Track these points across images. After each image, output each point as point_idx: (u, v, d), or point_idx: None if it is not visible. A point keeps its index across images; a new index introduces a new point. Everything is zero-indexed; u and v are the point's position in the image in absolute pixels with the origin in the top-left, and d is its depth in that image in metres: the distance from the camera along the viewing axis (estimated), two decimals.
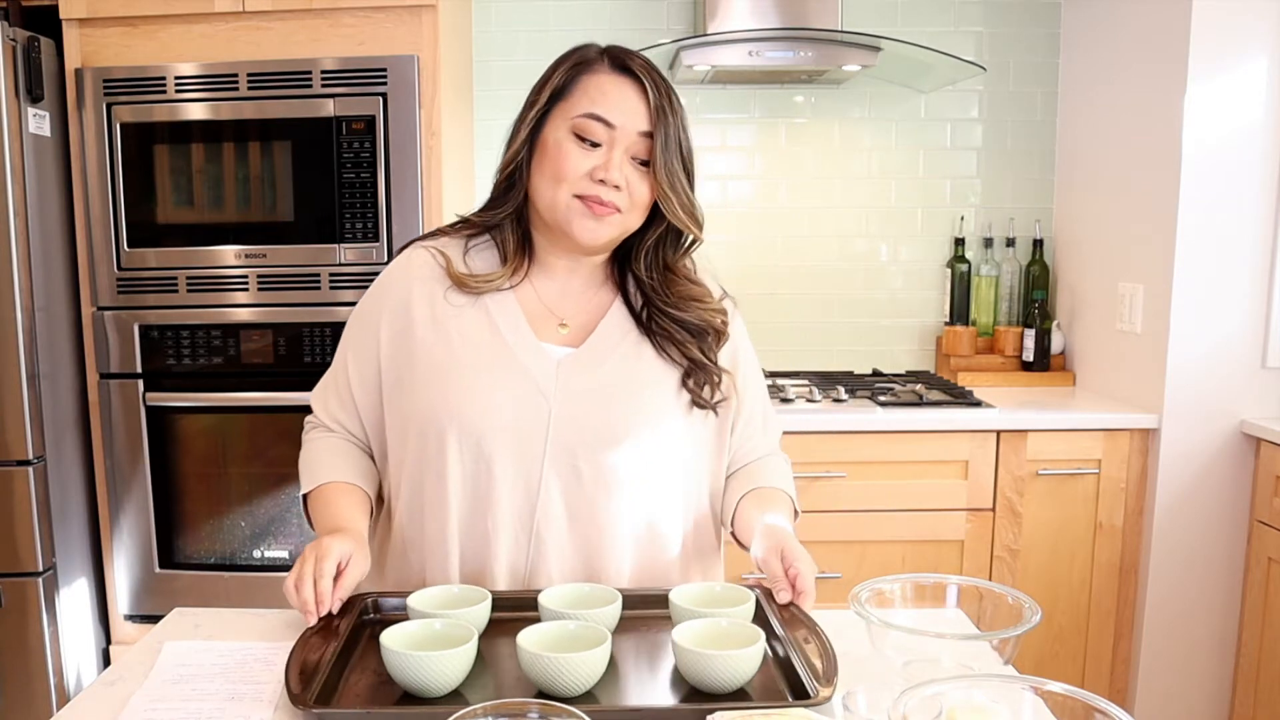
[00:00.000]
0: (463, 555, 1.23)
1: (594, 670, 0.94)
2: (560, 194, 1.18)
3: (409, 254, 1.30)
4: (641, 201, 1.20)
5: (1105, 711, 0.76)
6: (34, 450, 2.27)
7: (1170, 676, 2.44)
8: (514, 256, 1.26)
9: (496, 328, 1.23)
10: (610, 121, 1.17)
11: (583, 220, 1.19)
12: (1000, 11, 2.89)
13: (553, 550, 1.22)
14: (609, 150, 1.17)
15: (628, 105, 1.18)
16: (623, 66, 1.20)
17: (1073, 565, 2.45)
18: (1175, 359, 2.35)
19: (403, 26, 2.34)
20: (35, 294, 2.27)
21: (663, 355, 1.25)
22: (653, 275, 1.27)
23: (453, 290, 1.24)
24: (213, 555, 2.45)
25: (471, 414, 1.19)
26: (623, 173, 1.18)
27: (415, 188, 2.32)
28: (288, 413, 2.38)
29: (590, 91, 1.19)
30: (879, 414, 2.41)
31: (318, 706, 0.92)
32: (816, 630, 1.05)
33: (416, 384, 1.23)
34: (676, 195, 1.20)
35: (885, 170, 2.95)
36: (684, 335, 1.25)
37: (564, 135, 1.18)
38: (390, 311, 1.25)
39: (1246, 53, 2.26)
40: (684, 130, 1.22)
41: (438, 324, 1.23)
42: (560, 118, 1.19)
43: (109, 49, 2.36)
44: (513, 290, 1.26)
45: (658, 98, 1.18)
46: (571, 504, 1.21)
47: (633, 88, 1.18)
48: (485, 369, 1.21)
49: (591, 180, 1.17)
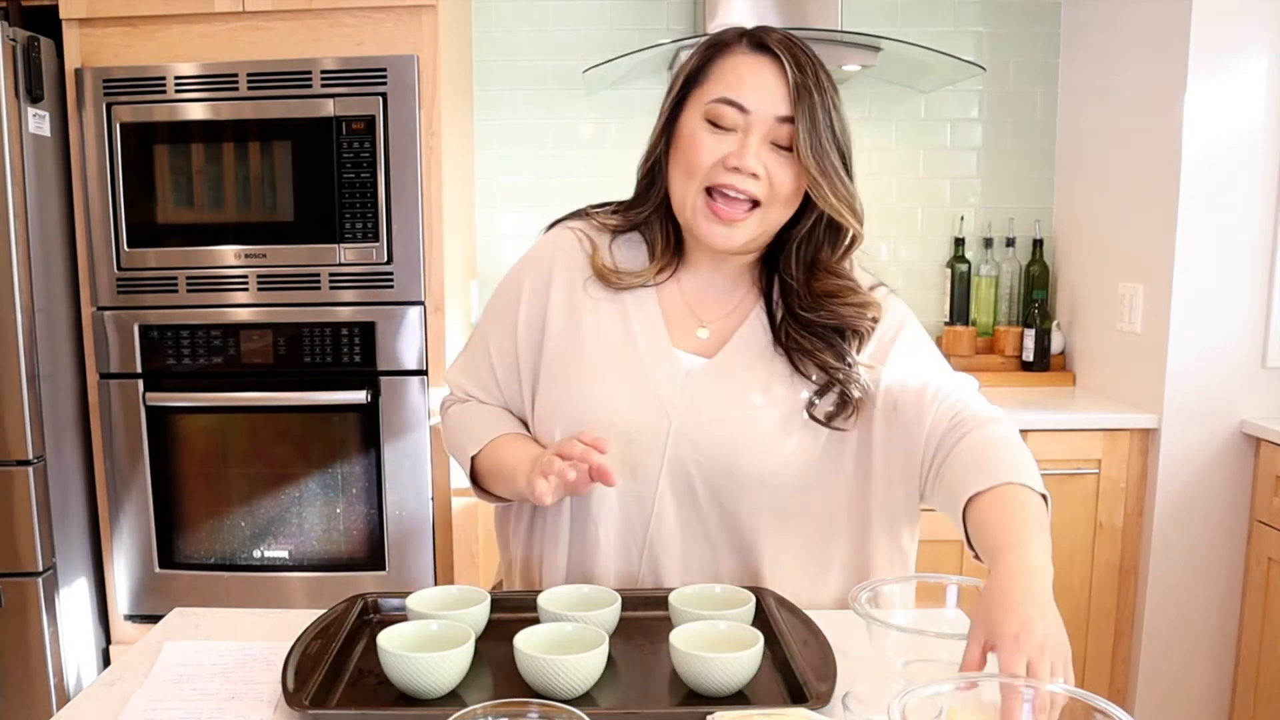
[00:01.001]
0: (570, 559, 1.21)
1: (591, 672, 0.94)
2: (690, 189, 1.11)
3: (555, 234, 1.24)
4: (784, 192, 1.10)
5: (1105, 711, 0.76)
6: (34, 450, 2.27)
7: (1170, 676, 2.44)
8: (661, 255, 1.19)
9: (631, 329, 1.17)
10: (744, 105, 1.08)
11: (709, 225, 1.10)
12: (1000, 11, 2.89)
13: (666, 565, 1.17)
14: (744, 136, 1.08)
15: (764, 86, 1.08)
16: (760, 45, 1.09)
17: (1073, 565, 2.45)
18: (1175, 359, 2.35)
19: (402, 26, 2.34)
20: (35, 294, 2.27)
21: (796, 372, 1.15)
22: (797, 272, 1.15)
23: (593, 282, 1.19)
24: (213, 555, 2.45)
25: (589, 418, 1.14)
26: (760, 159, 1.08)
27: (415, 188, 2.32)
28: (288, 413, 2.38)
29: (726, 74, 1.09)
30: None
31: (314, 707, 0.91)
32: (816, 632, 1.05)
33: (543, 376, 1.20)
34: (829, 181, 1.08)
35: (885, 170, 2.95)
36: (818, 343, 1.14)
37: (698, 124, 1.10)
38: (531, 292, 1.21)
39: (1246, 53, 2.26)
40: (836, 110, 1.10)
41: (572, 316, 1.19)
42: (695, 105, 1.11)
43: (109, 49, 2.36)
44: (656, 288, 1.19)
45: (798, 76, 1.07)
46: (687, 526, 1.16)
47: (770, 67, 1.08)
48: (609, 373, 1.16)
49: (725, 168, 1.08)
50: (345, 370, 2.36)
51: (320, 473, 2.40)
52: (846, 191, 1.11)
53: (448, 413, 1.30)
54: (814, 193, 1.10)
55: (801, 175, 1.09)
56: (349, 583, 2.39)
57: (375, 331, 2.35)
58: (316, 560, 2.43)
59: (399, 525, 2.39)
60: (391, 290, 2.34)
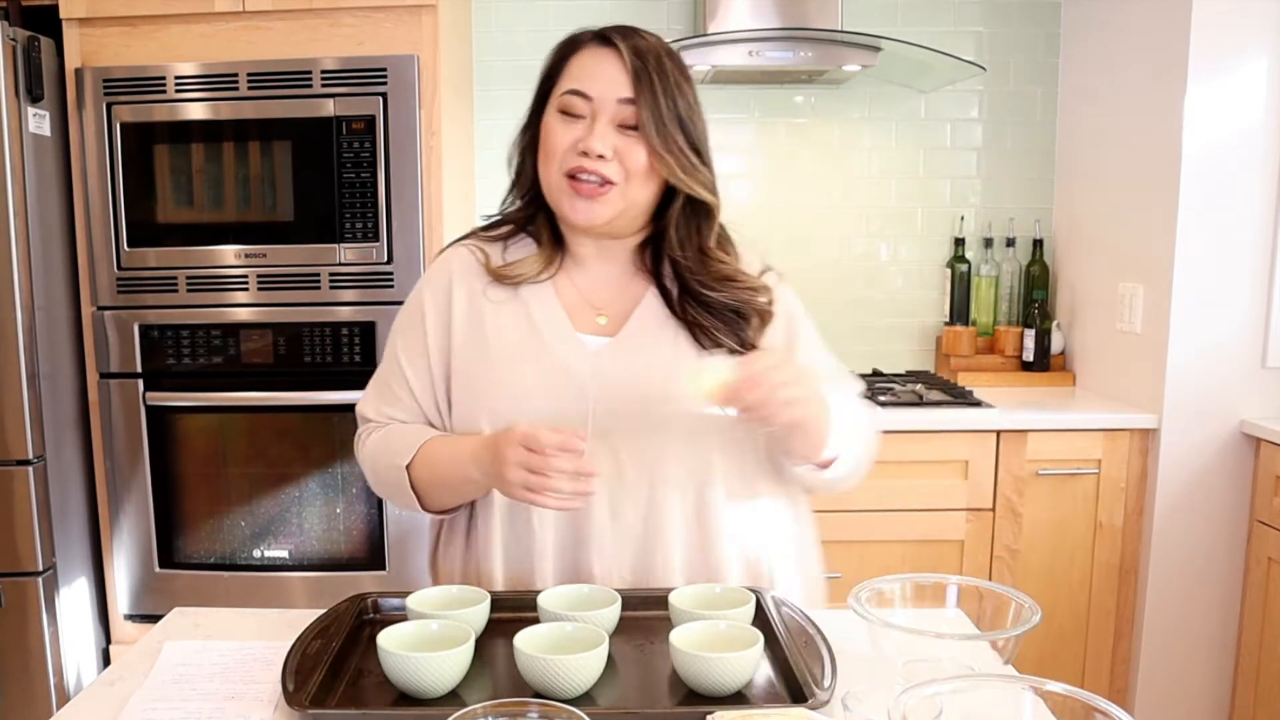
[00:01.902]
0: (507, 555, 1.22)
1: (591, 672, 0.94)
2: (551, 173, 1.18)
3: (449, 252, 1.30)
4: (638, 168, 1.17)
5: (1105, 711, 0.76)
6: (34, 450, 2.27)
7: (1170, 676, 2.44)
8: (547, 245, 1.25)
9: (533, 321, 1.22)
10: (587, 93, 1.16)
11: (572, 203, 1.18)
12: (1000, 11, 2.89)
13: (596, 549, 1.20)
14: (591, 122, 1.16)
15: (605, 74, 1.16)
16: (605, 39, 1.18)
17: (1073, 565, 2.45)
18: (1175, 359, 2.35)
19: (402, 26, 2.34)
20: (35, 294, 2.27)
21: (698, 346, 1.21)
22: (687, 254, 1.23)
23: (492, 286, 1.24)
24: (213, 555, 2.45)
25: (506, 409, 1.17)
26: (607, 142, 1.15)
27: (415, 188, 2.32)
28: (288, 412, 2.38)
29: (573, 69, 1.19)
30: (879, 414, 2.40)
31: (313, 707, 0.91)
32: (816, 632, 1.05)
33: (454, 382, 1.23)
34: (674, 157, 1.16)
35: (885, 170, 2.95)
36: (716, 323, 1.21)
37: (553, 116, 1.19)
38: (434, 307, 1.25)
39: (1246, 53, 2.26)
40: (680, 97, 1.18)
41: (473, 321, 1.23)
42: (552, 100, 1.20)
43: (109, 49, 2.36)
44: (550, 282, 1.25)
45: (637, 62, 1.15)
46: (616, 500, 1.20)
47: (610, 56, 1.17)
48: (520, 363, 1.20)
49: (576, 153, 1.16)
50: (345, 370, 2.36)
51: (320, 473, 2.40)
52: (693, 165, 1.18)
53: (364, 447, 1.29)
54: (662, 169, 1.17)
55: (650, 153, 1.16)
56: (349, 583, 2.39)
57: (375, 331, 2.35)
58: (316, 560, 2.43)
59: (399, 525, 2.39)
60: (392, 290, 2.34)
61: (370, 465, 1.28)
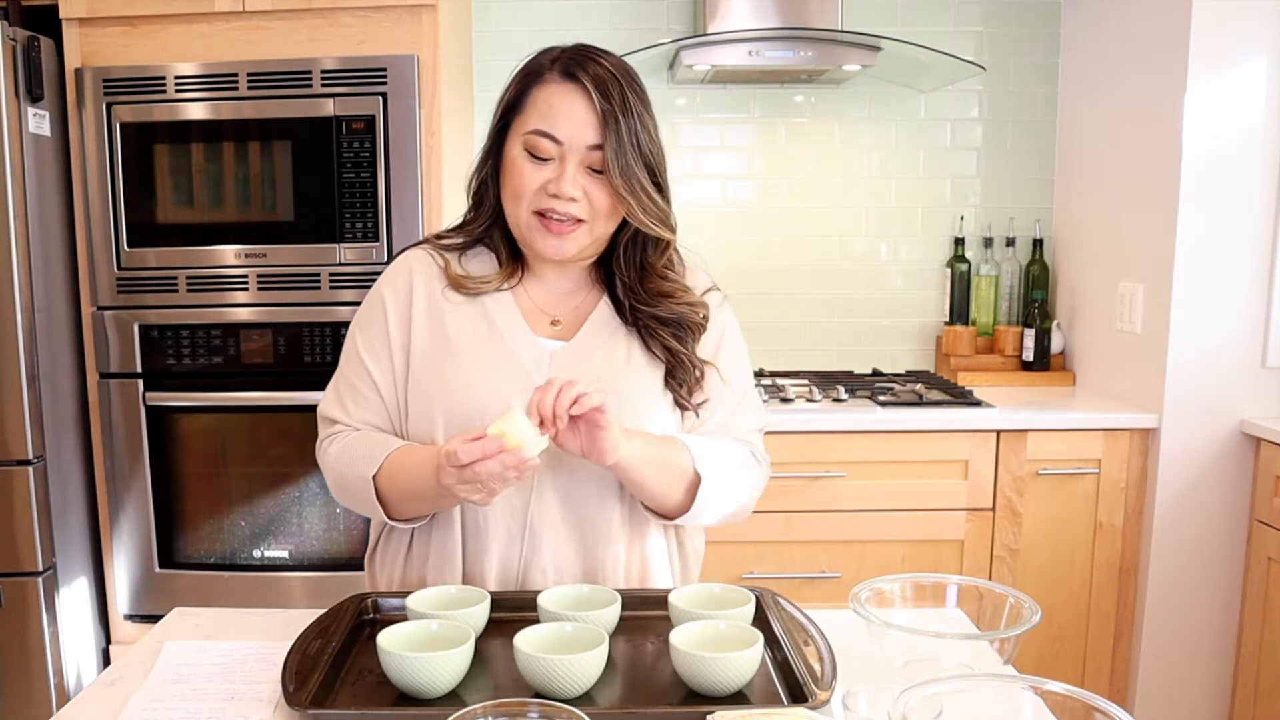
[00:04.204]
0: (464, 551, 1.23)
1: (591, 672, 0.94)
2: (521, 211, 1.20)
3: (408, 254, 1.32)
4: (603, 208, 1.19)
5: (1105, 711, 0.76)
6: (34, 450, 2.27)
7: (1170, 676, 2.44)
8: (509, 261, 1.28)
9: (493, 322, 1.25)
10: (556, 137, 1.16)
11: (544, 238, 1.20)
12: (1000, 11, 2.89)
13: (548, 548, 1.22)
14: (561, 164, 1.17)
15: (574, 117, 1.16)
16: (570, 74, 1.17)
17: (1073, 565, 2.45)
18: (1175, 359, 2.35)
19: (402, 26, 2.34)
20: (35, 294, 2.27)
21: (647, 350, 1.26)
22: (629, 274, 1.27)
23: (449, 289, 1.26)
24: (213, 555, 2.45)
25: (463, 405, 1.19)
26: (577, 184, 1.17)
27: (415, 188, 2.32)
28: (288, 412, 2.38)
29: (539, 105, 1.18)
30: (879, 414, 2.40)
31: (313, 707, 0.91)
32: (816, 632, 1.05)
33: (412, 378, 1.24)
34: (637, 199, 1.18)
35: (885, 170, 2.95)
36: (664, 330, 1.26)
37: (519, 152, 1.19)
38: (395, 303, 1.27)
39: (1246, 53, 2.26)
40: (643, 131, 1.18)
41: (433, 319, 1.25)
42: (516, 133, 1.19)
43: (109, 49, 2.36)
44: (510, 291, 1.28)
45: (605, 104, 1.15)
46: (566, 498, 1.22)
47: (579, 97, 1.16)
48: (478, 360, 1.22)
49: (546, 194, 1.17)
50: None
51: (320, 473, 2.39)
52: (655, 206, 1.20)
53: (326, 454, 1.27)
54: (625, 211, 1.20)
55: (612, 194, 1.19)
56: (349, 583, 2.39)
57: None
58: (316, 560, 2.43)
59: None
60: None
61: (334, 480, 1.26)
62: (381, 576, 1.31)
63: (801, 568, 2.43)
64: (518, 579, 1.23)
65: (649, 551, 1.28)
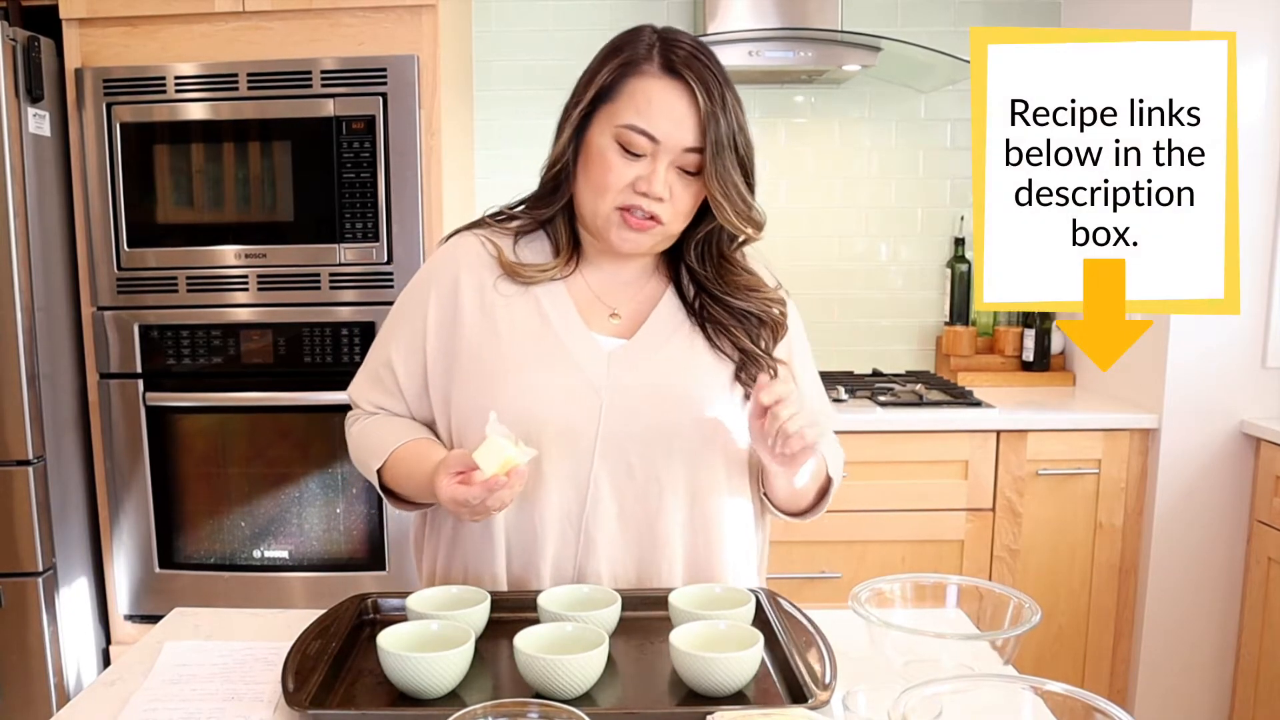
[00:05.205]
0: (510, 554, 1.20)
1: (591, 672, 0.94)
2: (602, 205, 1.15)
3: (457, 240, 1.26)
4: (685, 209, 1.16)
5: (1105, 711, 0.76)
6: (34, 450, 2.27)
7: (1170, 676, 2.44)
8: (566, 248, 1.23)
9: (547, 318, 1.20)
10: (654, 136, 1.11)
11: (621, 231, 1.16)
12: (1000, 11, 2.89)
13: (603, 550, 1.18)
14: (653, 162, 1.13)
15: (675, 116, 1.11)
16: (672, 69, 1.12)
17: (1073, 565, 2.45)
18: (1175, 359, 2.35)
19: (402, 26, 2.34)
20: (35, 294, 2.27)
21: (715, 348, 1.21)
22: (705, 266, 1.23)
23: (503, 279, 1.21)
24: (213, 555, 2.45)
25: (517, 408, 1.15)
26: (666, 184, 1.13)
27: (415, 188, 2.32)
28: (288, 413, 2.38)
29: (636, 99, 1.12)
30: (879, 414, 2.40)
31: (313, 707, 0.91)
32: (816, 632, 1.05)
33: (460, 375, 1.20)
34: (730, 202, 1.15)
35: (885, 170, 2.95)
36: (738, 326, 1.21)
37: (607, 143, 1.13)
38: (438, 298, 1.22)
39: (1246, 53, 2.26)
40: (739, 129, 1.15)
41: (486, 314, 1.20)
42: (605, 122, 1.14)
43: (109, 49, 2.36)
44: (563, 281, 1.23)
45: (708, 105, 1.11)
46: (623, 502, 1.18)
47: (682, 95, 1.12)
48: (534, 361, 1.18)
49: (634, 191, 1.13)
50: (345, 370, 2.35)
51: (320, 473, 2.40)
52: (746, 206, 1.18)
53: (350, 430, 1.29)
54: (716, 212, 1.16)
55: (702, 193, 1.16)
56: (349, 583, 2.39)
57: (375, 331, 2.34)
58: (316, 560, 2.43)
59: (399, 525, 2.39)
60: (391, 290, 2.33)
61: (354, 456, 1.29)
62: (424, 566, 1.30)
63: (801, 568, 2.43)
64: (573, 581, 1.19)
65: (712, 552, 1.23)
